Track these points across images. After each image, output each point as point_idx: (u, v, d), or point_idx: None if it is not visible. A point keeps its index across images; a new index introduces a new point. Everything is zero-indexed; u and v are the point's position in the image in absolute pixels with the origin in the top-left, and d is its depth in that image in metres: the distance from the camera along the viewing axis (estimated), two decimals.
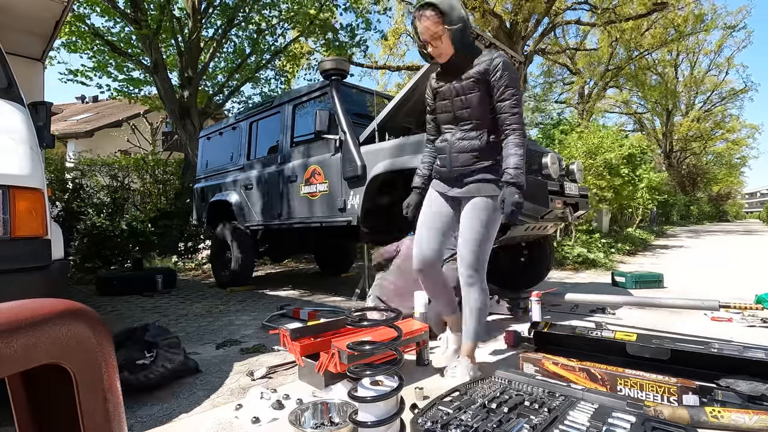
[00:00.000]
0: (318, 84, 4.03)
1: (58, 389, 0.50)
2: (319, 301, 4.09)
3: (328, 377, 1.86)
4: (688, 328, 2.76)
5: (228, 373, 2.17)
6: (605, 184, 7.62)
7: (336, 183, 3.69)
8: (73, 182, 6.89)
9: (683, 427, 1.27)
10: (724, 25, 22.50)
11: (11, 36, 3.71)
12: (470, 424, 1.31)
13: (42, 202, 1.64)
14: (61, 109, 18.92)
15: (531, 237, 3.55)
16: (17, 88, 1.89)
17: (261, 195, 4.59)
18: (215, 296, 4.52)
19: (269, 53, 9.76)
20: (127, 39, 8.60)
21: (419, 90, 3.44)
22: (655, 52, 19.71)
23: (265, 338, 2.78)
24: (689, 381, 1.59)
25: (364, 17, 9.79)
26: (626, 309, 3.38)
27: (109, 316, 3.58)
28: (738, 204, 60.55)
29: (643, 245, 9.85)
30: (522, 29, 11.86)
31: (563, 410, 1.40)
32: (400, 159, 3.13)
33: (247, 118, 5.00)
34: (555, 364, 1.87)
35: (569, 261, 6.26)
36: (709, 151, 33.48)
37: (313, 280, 5.65)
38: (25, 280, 1.56)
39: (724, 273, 5.40)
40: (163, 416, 1.68)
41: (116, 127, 13.37)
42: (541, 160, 3.16)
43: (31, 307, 0.46)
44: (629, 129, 27.88)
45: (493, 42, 3.57)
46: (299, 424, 1.45)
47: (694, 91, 29.01)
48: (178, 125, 8.33)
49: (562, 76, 21.52)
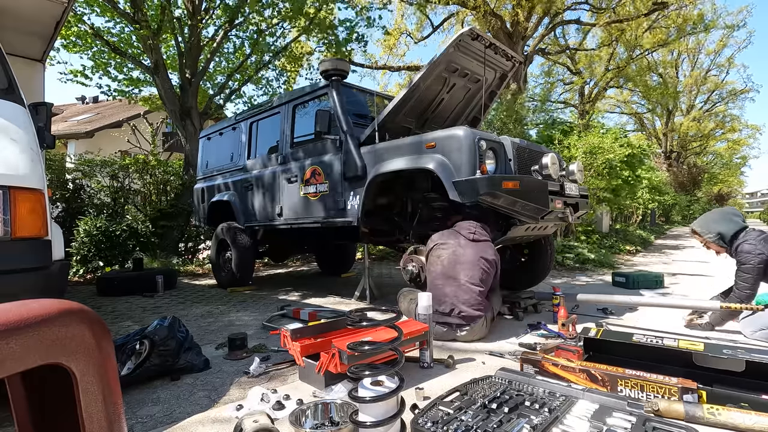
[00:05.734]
0: (318, 84, 4.03)
1: (58, 389, 0.50)
2: (319, 302, 4.09)
3: (329, 377, 1.86)
4: (685, 329, 2.76)
5: (228, 373, 2.17)
6: (605, 184, 7.62)
7: (336, 183, 3.68)
8: (74, 183, 6.89)
9: (683, 426, 1.27)
10: (724, 25, 22.49)
11: (11, 36, 3.72)
12: (470, 424, 1.31)
13: (42, 202, 1.64)
14: (61, 109, 18.92)
15: (531, 237, 3.55)
16: (17, 88, 1.89)
17: (261, 195, 4.59)
18: (216, 296, 4.51)
19: (270, 53, 9.77)
20: (127, 39, 8.60)
21: (419, 90, 3.45)
22: (656, 52, 19.71)
23: (266, 338, 2.78)
24: (690, 381, 1.58)
25: (364, 15, 9.79)
26: (625, 309, 3.38)
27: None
28: (738, 204, 60.51)
29: (644, 245, 9.85)
30: (522, 29, 11.86)
31: (564, 410, 1.40)
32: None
33: (247, 118, 5.00)
34: (555, 365, 1.86)
35: (569, 261, 6.26)
36: (709, 151, 33.47)
37: (313, 281, 5.65)
38: (26, 281, 1.56)
39: (723, 273, 5.39)
40: (163, 416, 1.68)
41: (116, 127, 13.38)
42: (541, 160, 3.16)
43: (31, 308, 0.46)
44: (630, 129, 27.87)
45: (493, 42, 3.58)
46: (299, 424, 1.45)
47: (695, 91, 29.01)
48: (178, 126, 8.33)
49: (562, 76, 21.53)
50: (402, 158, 3.13)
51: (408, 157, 3.09)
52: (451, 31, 15.85)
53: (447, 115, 4.15)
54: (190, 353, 2.21)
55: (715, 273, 5.44)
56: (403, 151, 3.15)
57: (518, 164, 3.05)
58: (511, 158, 3.01)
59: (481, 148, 2.79)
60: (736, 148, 32.87)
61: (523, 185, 2.77)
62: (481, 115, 4.39)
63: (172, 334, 2.15)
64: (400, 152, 3.16)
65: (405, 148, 3.13)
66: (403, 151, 3.14)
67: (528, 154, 3.19)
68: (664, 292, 4.21)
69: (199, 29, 8.24)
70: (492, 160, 2.91)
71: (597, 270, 6.03)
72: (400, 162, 3.14)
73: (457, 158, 2.79)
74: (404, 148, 3.14)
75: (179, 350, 2.14)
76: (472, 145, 2.76)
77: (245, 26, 9.21)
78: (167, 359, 2.08)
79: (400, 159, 3.15)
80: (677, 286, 4.48)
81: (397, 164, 3.15)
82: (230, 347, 2.44)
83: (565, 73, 20.80)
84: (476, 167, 2.74)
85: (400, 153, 3.16)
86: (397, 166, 3.15)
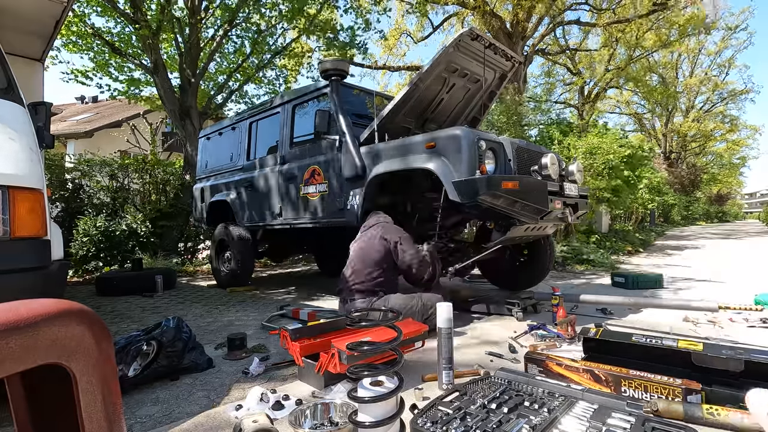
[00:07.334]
0: (318, 84, 4.03)
1: (57, 389, 0.50)
2: (318, 302, 4.08)
3: (328, 378, 1.86)
4: (686, 329, 2.76)
5: (227, 373, 2.17)
6: (604, 184, 7.63)
7: (335, 183, 3.68)
8: (73, 182, 6.89)
9: (683, 426, 1.27)
10: (725, 26, 22.52)
11: (11, 36, 3.72)
12: (470, 424, 1.31)
13: (42, 202, 1.64)
14: (60, 109, 18.91)
15: (531, 237, 3.56)
16: (17, 88, 1.89)
17: (261, 195, 4.59)
18: (215, 296, 4.51)
19: (270, 53, 9.77)
20: (127, 39, 8.60)
21: (419, 90, 3.45)
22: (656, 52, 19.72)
23: (265, 339, 2.78)
24: (694, 383, 1.57)
25: (364, 17, 9.80)
26: (625, 310, 3.38)
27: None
28: (738, 204, 60.55)
29: (643, 245, 9.86)
30: (522, 29, 11.87)
31: (563, 410, 1.40)
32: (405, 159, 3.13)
33: (247, 118, 5.00)
34: (559, 365, 1.86)
35: (569, 262, 6.26)
36: (709, 152, 33.50)
37: (313, 281, 5.64)
38: (25, 281, 1.56)
39: (722, 273, 5.40)
40: (162, 416, 1.68)
41: (116, 127, 13.39)
42: (541, 160, 3.16)
43: (30, 308, 0.46)
44: (629, 129, 27.90)
45: (493, 42, 3.58)
46: (299, 424, 1.45)
47: (695, 91, 29.03)
48: (178, 126, 8.33)
49: (562, 76, 21.54)
50: (401, 158, 3.13)
51: (407, 157, 3.09)
52: (451, 31, 15.87)
53: (447, 115, 4.15)
54: (194, 353, 2.21)
55: (715, 273, 5.44)
56: (402, 151, 3.14)
57: (518, 164, 3.05)
58: (511, 158, 3.02)
59: (481, 148, 2.79)
60: (735, 149, 32.89)
61: (522, 185, 2.77)
62: (480, 115, 4.40)
63: (179, 335, 2.16)
64: (399, 152, 3.16)
65: (404, 148, 3.13)
66: (403, 151, 3.14)
67: (528, 154, 3.19)
68: (664, 292, 4.21)
69: (199, 29, 8.24)
70: (491, 160, 2.91)
71: (596, 270, 6.03)
72: (400, 162, 3.13)
73: (457, 158, 2.79)
74: (404, 148, 3.14)
75: (184, 350, 2.15)
76: (472, 145, 2.76)
77: (245, 26, 9.21)
78: (173, 360, 2.09)
79: (399, 159, 3.15)
80: (677, 286, 4.49)
81: (397, 164, 3.15)
82: (229, 347, 2.44)
83: (566, 73, 20.82)
84: (476, 167, 2.74)
85: (400, 153, 3.16)
86: (396, 166, 3.15)
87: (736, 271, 5.62)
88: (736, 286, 4.37)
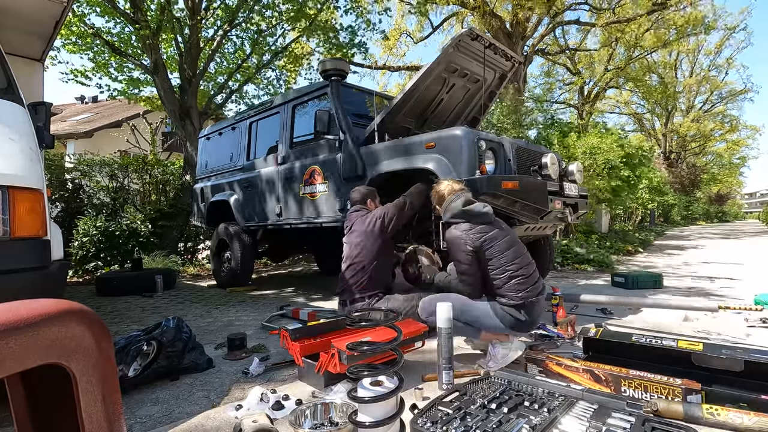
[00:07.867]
0: (318, 84, 4.03)
1: (57, 389, 0.50)
2: (318, 302, 4.08)
3: (328, 378, 1.86)
4: (686, 329, 2.76)
5: (227, 373, 2.17)
6: (604, 184, 7.63)
7: (335, 183, 3.68)
8: (73, 182, 6.89)
9: (683, 426, 1.27)
10: (724, 26, 22.53)
11: (11, 36, 3.71)
12: (470, 424, 1.31)
13: (41, 202, 1.63)
14: (60, 109, 18.90)
15: (530, 237, 3.55)
16: (17, 88, 1.89)
17: (261, 195, 4.59)
18: (215, 297, 4.51)
19: (270, 53, 9.77)
20: (126, 39, 8.60)
21: (419, 90, 3.44)
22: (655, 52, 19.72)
23: (265, 339, 2.78)
24: (694, 383, 1.57)
25: (364, 17, 9.80)
26: (625, 310, 3.38)
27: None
28: (738, 204, 60.54)
29: (643, 245, 9.86)
30: (522, 29, 11.87)
31: (563, 410, 1.40)
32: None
33: (247, 118, 4.99)
34: (559, 365, 1.86)
35: (569, 261, 6.26)
36: (708, 152, 33.50)
37: (312, 281, 5.64)
38: (25, 281, 1.55)
39: (722, 273, 5.40)
40: (162, 417, 1.68)
41: (116, 127, 13.37)
42: (541, 160, 3.16)
43: (30, 308, 0.46)
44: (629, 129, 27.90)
45: (493, 42, 3.58)
46: (299, 424, 1.45)
47: (694, 91, 29.04)
48: (177, 126, 8.32)
49: (562, 76, 21.54)
50: (401, 158, 3.13)
51: (407, 157, 3.09)
52: (451, 31, 15.86)
53: (446, 115, 4.15)
54: (194, 353, 2.21)
55: (715, 274, 5.44)
56: (402, 151, 3.14)
57: (518, 164, 3.05)
58: (511, 158, 3.02)
59: (481, 148, 2.79)
60: (735, 149, 32.91)
61: (522, 185, 2.77)
62: (480, 115, 4.39)
63: (179, 335, 2.16)
64: (399, 152, 3.16)
65: (404, 148, 3.13)
66: (403, 151, 3.14)
67: (527, 154, 3.19)
68: (664, 292, 4.21)
69: (199, 29, 8.23)
70: (491, 160, 2.91)
71: (596, 270, 6.03)
72: (400, 162, 3.13)
73: (457, 158, 2.79)
74: (404, 148, 3.14)
75: (184, 350, 2.15)
76: (472, 145, 2.76)
77: (245, 26, 9.21)
78: (173, 360, 2.09)
79: (399, 159, 3.15)
80: (677, 285, 4.49)
81: (397, 164, 3.15)
82: (229, 347, 2.44)
83: (565, 73, 20.82)
84: (476, 167, 2.74)
85: (400, 153, 3.16)
86: (396, 166, 3.15)
87: (736, 271, 5.62)
88: (736, 286, 4.37)
